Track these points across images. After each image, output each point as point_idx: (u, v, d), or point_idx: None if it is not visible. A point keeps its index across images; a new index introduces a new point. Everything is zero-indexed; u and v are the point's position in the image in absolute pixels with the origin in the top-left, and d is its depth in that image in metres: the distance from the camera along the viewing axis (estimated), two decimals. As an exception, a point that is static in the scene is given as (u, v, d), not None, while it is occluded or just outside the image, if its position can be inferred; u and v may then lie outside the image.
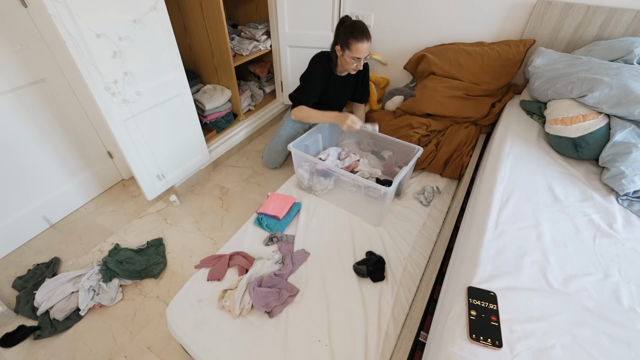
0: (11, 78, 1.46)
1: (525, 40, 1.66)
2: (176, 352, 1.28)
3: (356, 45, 1.50)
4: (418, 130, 1.69)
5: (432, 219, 1.43)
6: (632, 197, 1.04)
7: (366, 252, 1.27)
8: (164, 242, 1.72)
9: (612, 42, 1.42)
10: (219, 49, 2.03)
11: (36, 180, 1.70)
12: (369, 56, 1.62)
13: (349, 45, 1.52)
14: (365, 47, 1.52)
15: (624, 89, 1.14)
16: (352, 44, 1.51)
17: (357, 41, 1.50)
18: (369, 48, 1.55)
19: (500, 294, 0.76)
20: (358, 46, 1.51)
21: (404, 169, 1.36)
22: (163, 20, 1.49)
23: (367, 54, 1.56)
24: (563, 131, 1.24)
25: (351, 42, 1.51)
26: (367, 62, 1.82)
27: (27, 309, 1.39)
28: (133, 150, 1.59)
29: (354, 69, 1.61)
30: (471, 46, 1.75)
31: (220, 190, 2.07)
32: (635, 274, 0.82)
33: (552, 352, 0.65)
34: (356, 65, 1.59)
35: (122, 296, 1.47)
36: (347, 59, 1.57)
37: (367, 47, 1.53)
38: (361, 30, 1.50)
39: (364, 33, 1.50)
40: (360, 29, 1.51)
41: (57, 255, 1.65)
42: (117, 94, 1.41)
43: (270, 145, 2.08)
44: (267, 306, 1.06)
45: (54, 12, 1.12)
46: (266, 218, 1.41)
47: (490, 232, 0.93)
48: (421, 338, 0.99)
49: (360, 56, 1.54)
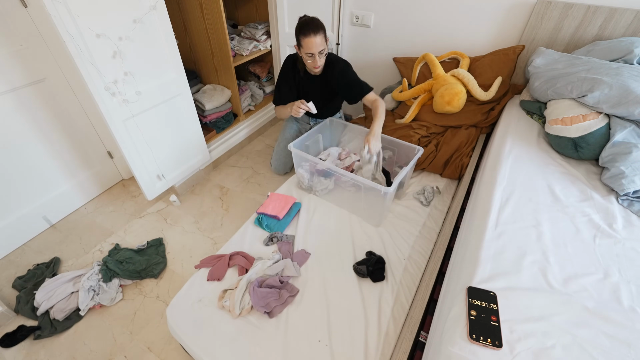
0: (11, 78, 1.46)
1: (514, 47, 1.69)
2: (176, 352, 1.28)
3: (305, 40, 1.49)
4: (418, 130, 1.69)
5: (432, 219, 1.43)
6: (632, 197, 1.04)
7: (366, 252, 1.26)
8: (164, 242, 1.72)
9: (612, 42, 1.42)
10: (219, 49, 2.03)
11: (36, 180, 1.70)
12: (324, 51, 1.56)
13: (300, 42, 1.52)
14: (315, 41, 1.47)
15: (624, 89, 1.14)
16: (302, 39, 1.50)
17: (305, 36, 1.48)
18: (320, 42, 1.50)
19: (500, 294, 0.76)
20: (307, 41, 1.49)
21: (404, 169, 1.36)
22: (163, 20, 1.49)
23: (321, 48, 1.52)
24: (563, 131, 1.24)
25: (301, 39, 1.50)
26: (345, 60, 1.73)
27: (27, 309, 1.39)
28: (133, 150, 1.59)
29: (312, 65, 1.59)
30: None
31: (220, 190, 2.07)
32: (635, 274, 0.82)
33: (552, 352, 0.65)
34: (311, 62, 1.57)
35: (122, 296, 1.47)
36: (304, 56, 1.57)
37: (318, 41, 1.48)
38: (307, 24, 1.48)
39: (310, 27, 1.47)
40: (307, 23, 1.48)
41: (57, 255, 1.65)
42: (117, 94, 1.41)
43: (278, 149, 2.06)
44: (267, 306, 1.06)
45: (54, 12, 1.12)
46: (266, 218, 1.41)
47: (490, 232, 0.93)
48: (421, 338, 0.99)
49: (312, 51, 1.51)
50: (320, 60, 1.57)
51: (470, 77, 1.66)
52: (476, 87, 1.65)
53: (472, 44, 1.86)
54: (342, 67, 1.70)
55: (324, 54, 1.59)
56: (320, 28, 1.49)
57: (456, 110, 1.66)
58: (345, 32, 2.18)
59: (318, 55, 1.54)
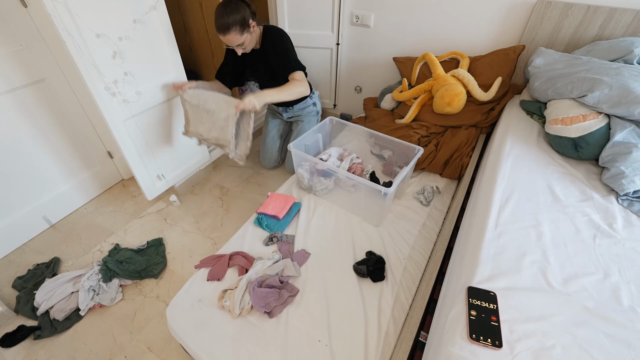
0: (11, 78, 1.46)
1: (514, 47, 1.69)
2: (176, 352, 1.28)
3: (220, 36, 1.46)
4: (418, 130, 1.69)
5: (432, 219, 1.43)
6: (632, 197, 1.04)
7: (366, 252, 1.26)
8: (164, 242, 1.72)
9: (612, 42, 1.42)
10: (219, 49, 2.03)
11: (36, 180, 1.70)
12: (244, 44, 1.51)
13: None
14: (227, 39, 1.43)
15: (624, 89, 1.14)
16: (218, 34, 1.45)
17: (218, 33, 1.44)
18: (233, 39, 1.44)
19: (500, 294, 0.76)
20: (221, 37, 1.46)
21: (404, 169, 1.36)
22: (163, 20, 1.49)
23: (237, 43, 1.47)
24: (563, 131, 1.24)
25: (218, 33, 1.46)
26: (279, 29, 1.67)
27: (27, 309, 1.39)
28: (133, 150, 1.59)
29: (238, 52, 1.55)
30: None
31: (220, 190, 2.07)
32: (635, 274, 0.82)
33: (552, 352, 0.65)
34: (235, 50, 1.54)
35: (122, 296, 1.47)
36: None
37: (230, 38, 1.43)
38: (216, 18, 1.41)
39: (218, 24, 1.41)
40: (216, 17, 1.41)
41: (57, 255, 1.65)
42: (117, 94, 1.41)
43: (263, 145, 2.14)
44: (267, 306, 1.06)
45: (54, 12, 1.12)
46: (266, 218, 1.41)
47: (490, 232, 0.93)
48: (421, 338, 0.99)
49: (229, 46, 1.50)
50: (241, 50, 1.53)
51: (470, 78, 1.66)
52: (476, 88, 1.65)
53: (472, 44, 1.86)
54: (273, 38, 1.63)
55: (244, 46, 1.53)
56: (233, 24, 1.40)
57: (456, 111, 1.66)
58: (345, 32, 2.18)
59: (237, 47, 1.51)
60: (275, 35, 1.64)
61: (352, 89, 2.48)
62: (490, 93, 1.64)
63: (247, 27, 1.47)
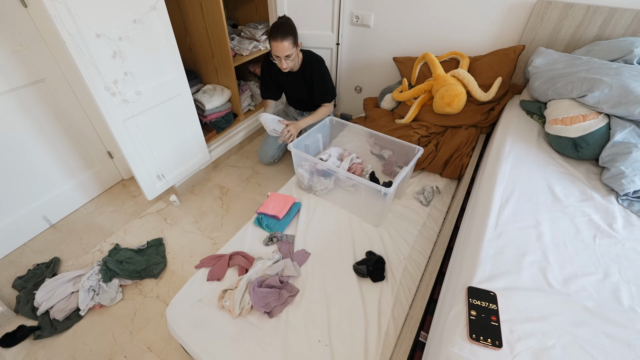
0: (11, 78, 1.46)
1: (514, 47, 1.70)
2: (176, 352, 1.28)
3: (272, 44, 1.63)
4: (418, 130, 1.69)
5: (432, 218, 1.43)
6: (632, 197, 1.04)
7: (366, 252, 1.26)
8: (164, 242, 1.72)
9: (612, 42, 1.42)
10: (219, 49, 2.03)
11: (36, 180, 1.70)
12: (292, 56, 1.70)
13: (270, 44, 1.65)
14: (281, 46, 1.58)
15: (624, 89, 1.14)
16: (271, 42, 1.63)
17: (273, 40, 1.61)
18: (287, 47, 1.61)
19: (500, 294, 0.76)
20: (274, 45, 1.62)
21: (404, 169, 1.36)
22: (163, 20, 1.49)
23: (287, 52, 1.63)
24: (563, 131, 1.24)
25: (270, 41, 1.64)
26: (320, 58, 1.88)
27: (27, 309, 1.39)
28: (133, 150, 1.59)
29: (279, 66, 1.73)
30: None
31: (220, 190, 2.07)
32: (635, 274, 0.82)
33: (552, 352, 0.65)
34: (278, 63, 1.71)
35: (122, 296, 1.47)
36: (273, 56, 1.69)
37: (285, 45, 1.58)
38: (277, 29, 1.59)
39: (279, 32, 1.57)
40: (277, 28, 1.58)
41: (57, 255, 1.65)
42: (117, 94, 1.41)
43: (264, 140, 2.22)
44: (267, 306, 1.06)
45: (54, 12, 1.12)
46: (266, 218, 1.41)
47: (490, 232, 0.93)
48: (421, 338, 0.99)
49: (278, 54, 1.64)
50: (285, 63, 1.69)
51: (471, 78, 1.66)
52: (476, 88, 1.65)
53: (472, 44, 1.86)
54: (316, 65, 1.87)
55: (291, 59, 1.71)
56: (289, 34, 1.58)
57: (456, 111, 1.66)
58: (345, 32, 2.18)
59: (284, 58, 1.66)
60: (316, 62, 1.88)
61: (352, 89, 2.48)
62: (490, 93, 1.64)
63: (297, 43, 1.71)
